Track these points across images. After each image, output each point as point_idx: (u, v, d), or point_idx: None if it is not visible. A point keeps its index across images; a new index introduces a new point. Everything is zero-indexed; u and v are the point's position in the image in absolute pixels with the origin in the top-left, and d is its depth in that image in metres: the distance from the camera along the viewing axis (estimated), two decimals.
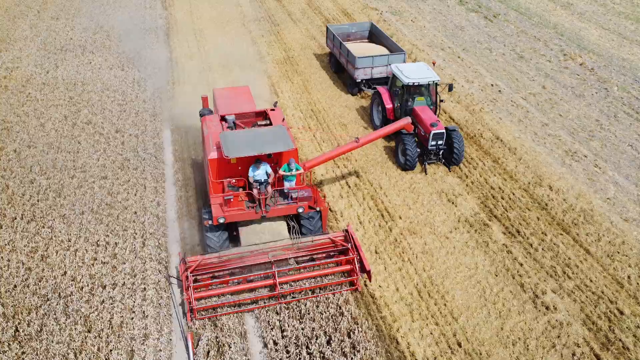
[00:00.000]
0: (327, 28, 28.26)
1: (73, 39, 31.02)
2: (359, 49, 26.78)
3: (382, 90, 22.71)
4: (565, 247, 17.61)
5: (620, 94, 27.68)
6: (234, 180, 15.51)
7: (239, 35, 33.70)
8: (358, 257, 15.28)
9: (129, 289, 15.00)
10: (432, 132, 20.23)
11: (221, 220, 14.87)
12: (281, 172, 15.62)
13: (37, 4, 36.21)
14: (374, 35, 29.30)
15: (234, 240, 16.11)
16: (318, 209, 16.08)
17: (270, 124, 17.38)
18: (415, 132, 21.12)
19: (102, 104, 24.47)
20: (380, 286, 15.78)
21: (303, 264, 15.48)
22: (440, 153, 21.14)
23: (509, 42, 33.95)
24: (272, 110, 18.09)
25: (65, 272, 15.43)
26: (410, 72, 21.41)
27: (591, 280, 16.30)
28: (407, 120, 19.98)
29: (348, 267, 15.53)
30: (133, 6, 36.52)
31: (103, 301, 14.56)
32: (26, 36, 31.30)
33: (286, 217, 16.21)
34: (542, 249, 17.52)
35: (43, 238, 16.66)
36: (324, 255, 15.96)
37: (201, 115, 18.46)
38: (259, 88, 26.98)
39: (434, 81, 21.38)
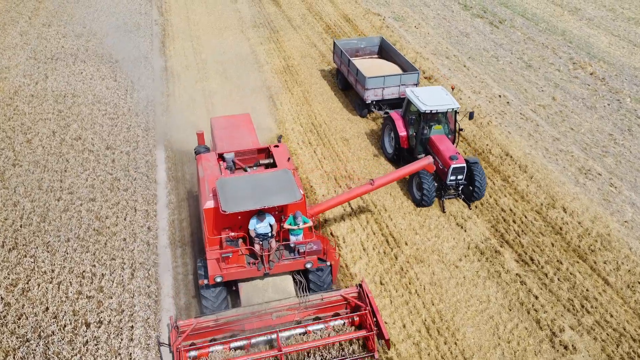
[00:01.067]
0: (334, 43, 26.37)
1: (65, 47, 29.89)
2: (369, 67, 24.94)
3: (395, 116, 20.82)
4: (583, 277, 16.51)
5: (634, 105, 26.57)
6: (232, 234, 13.77)
7: (237, 42, 32.58)
8: (375, 321, 13.27)
9: (115, 327, 13.90)
10: (452, 166, 18.30)
11: (218, 280, 13.24)
12: (286, 226, 13.78)
13: (28, 10, 35.08)
14: (384, 51, 27.50)
15: (234, 294, 14.43)
16: (329, 263, 14.40)
17: (274, 162, 15.58)
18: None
19: (92, 117, 23.35)
20: (386, 322, 14.67)
21: (310, 323, 13.59)
22: (460, 188, 19.26)
23: (516, 49, 32.83)
24: (276, 146, 16.13)
25: (47, 308, 14.34)
26: (427, 98, 19.39)
27: (611, 315, 15.21)
28: (428, 160, 17.52)
29: (363, 332, 13.41)
30: (127, 12, 35.39)
31: (87, 342, 13.46)
32: (16, 44, 30.18)
33: (292, 271, 14.46)
34: (558, 279, 16.42)
35: (25, 269, 15.56)
36: (334, 315, 14.15)
37: (196, 153, 16.64)
38: (258, 100, 25.91)
39: (453, 109, 19.24)
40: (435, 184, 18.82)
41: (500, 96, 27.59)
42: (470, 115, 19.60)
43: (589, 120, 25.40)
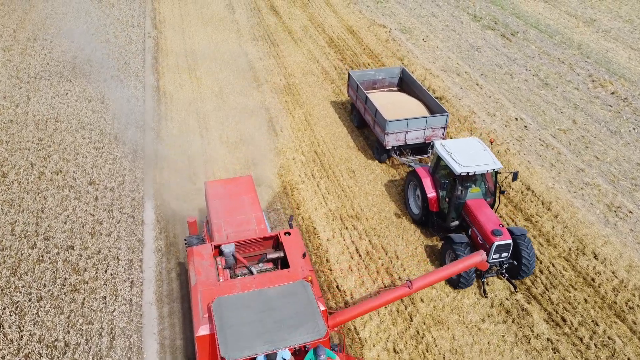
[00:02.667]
0: (348, 75, 23.46)
1: (50, 64, 27.94)
2: (389, 104, 21.89)
3: (422, 172, 17.60)
4: (623, 343, 14.58)
5: None
6: None
7: (235, 58, 30.62)
8: None
9: None
10: (495, 243, 15.24)
11: None
12: None
13: (13, 23, 33.13)
14: (405, 83, 24.40)
15: None
16: None
17: (285, 257, 12.57)
18: (468, 234, 16.48)
19: (75, 147, 21.41)
20: None
21: None
22: (503, 268, 16.06)
23: (530, 65, 30.86)
24: (287, 233, 13.04)
25: None
26: (462, 155, 16.19)
27: None
28: (481, 257, 13.45)
29: None
30: (119, 24, 33.42)
31: None
32: None
33: None
34: (595, 345, 14.49)
35: None
36: None
37: (188, 245, 13.77)
38: (256, 125, 23.99)
39: (494, 169, 16.21)
40: None
41: (517, 119, 25.65)
42: (514, 176, 16.33)
43: (614, 147, 23.46)
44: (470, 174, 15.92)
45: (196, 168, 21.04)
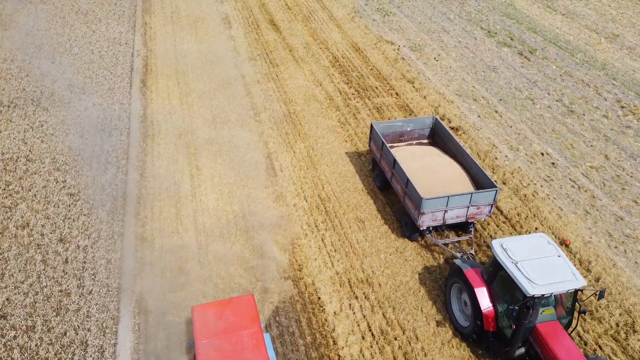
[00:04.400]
0: (371, 127, 19.73)
1: (26, 90, 25.35)
2: (421, 169, 17.97)
3: (473, 278, 13.79)
4: None
5: None
6: None
7: (231, 80, 28.04)
8: None
9: None
10: None
11: None
12: None
13: None
14: (438, 137, 20.64)
15: None
16: None
17: None
18: (530, 352, 13.07)
19: (47, 193, 18.84)
20: None
21: None
22: None
23: (553, 88, 28.26)
24: None
25: None
26: (534, 268, 12.54)
27: None
28: None
29: None
30: (105, 42, 30.82)
31: None
32: None
33: None
34: None
35: None
36: None
37: None
38: (253, 163, 21.44)
39: (576, 289, 12.45)
40: None
41: (543, 154, 23.07)
42: (601, 295, 12.68)
43: None
44: (546, 295, 12.24)
45: (184, 219, 18.48)
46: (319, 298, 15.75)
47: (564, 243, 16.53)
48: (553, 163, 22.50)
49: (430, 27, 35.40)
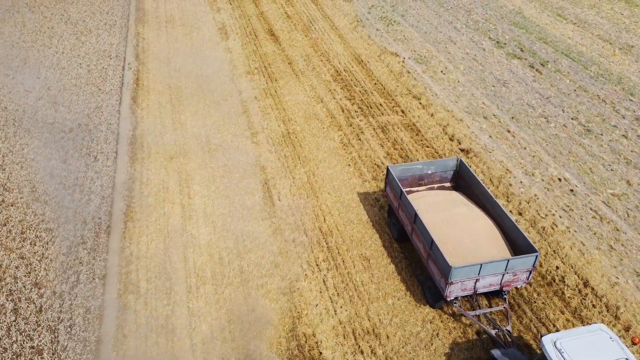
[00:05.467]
0: (387, 170, 17.40)
1: (8, 109, 23.80)
2: (446, 223, 15.54)
3: None
4: None
5: None
6: None
7: (227, 97, 26.49)
8: None
9: None
10: None
11: None
12: None
13: None
14: (463, 180, 18.17)
15: None
16: None
17: None
18: None
19: (23, 228, 17.29)
20: None
21: None
22: None
23: (567, 105, 26.69)
24: None
25: None
26: None
27: None
28: None
29: None
30: (95, 54, 29.26)
31: None
32: None
33: None
34: None
35: None
36: None
37: None
38: (248, 191, 19.89)
39: None
40: None
41: (560, 179, 21.50)
42: None
43: None
44: None
45: (173, 256, 16.92)
46: (320, 353, 14.17)
47: (632, 342, 14.32)
48: (572, 190, 20.94)
49: (436, 37, 33.83)
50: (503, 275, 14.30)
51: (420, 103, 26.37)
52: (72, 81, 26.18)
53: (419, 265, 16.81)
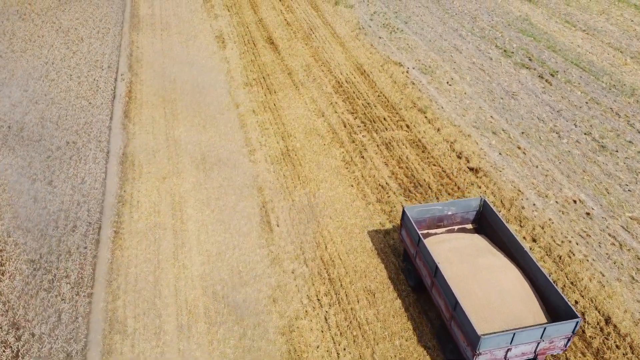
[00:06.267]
0: (403, 212, 15.70)
1: None
2: (470, 276, 13.87)
3: None
4: None
5: None
6: None
7: (223, 110, 25.32)
8: None
9: None
10: None
11: None
12: None
13: None
14: (486, 222, 16.39)
15: None
16: None
17: None
18: None
19: (3, 259, 16.14)
20: None
21: None
22: None
23: (580, 118, 25.50)
24: None
25: None
26: None
27: None
28: None
29: None
30: (86, 65, 28.06)
31: None
32: None
33: None
34: None
35: None
36: None
37: None
38: (244, 215, 18.70)
39: None
40: None
41: (575, 201, 20.31)
42: None
43: None
44: None
45: (164, 290, 15.73)
46: None
47: None
48: (588, 213, 19.75)
49: (441, 45, 32.63)
50: (538, 343, 12.70)
51: (425, 117, 25.19)
52: (62, 94, 24.99)
53: (438, 326, 14.82)
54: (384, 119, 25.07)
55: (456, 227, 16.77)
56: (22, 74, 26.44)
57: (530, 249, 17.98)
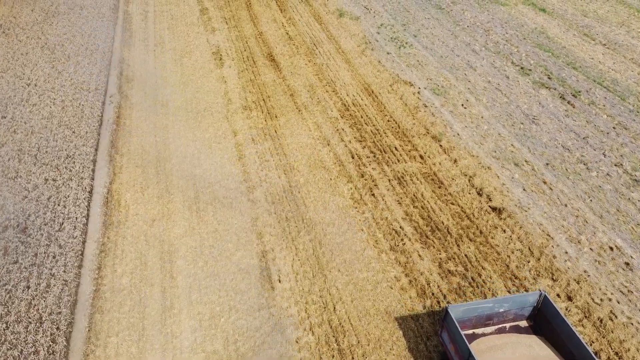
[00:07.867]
0: (445, 312, 13.35)
1: None
2: None
3: None
4: None
5: None
6: None
7: (219, 139, 23.18)
8: None
9: None
10: None
11: None
12: None
13: None
14: (544, 319, 14.01)
15: None
16: None
17: None
18: None
19: None
20: None
21: None
22: None
23: (608, 147, 23.36)
24: None
25: None
26: None
27: None
28: None
29: None
30: (71, 87, 25.86)
31: None
32: None
33: None
34: None
35: None
36: None
37: None
38: (241, 270, 16.55)
39: None
40: None
41: (612, 248, 18.16)
42: None
43: None
44: None
45: None
46: None
47: None
48: (627, 263, 17.61)
49: (453, 61, 30.46)
50: None
51: (440, 146, 23.05)
52: (43, 122, 22.85)
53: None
54: (395, 148, 22.92)
55: (508, 325, 14.23)
56: (1, 98, 24.30)
57: (567, 309, 15.85)
